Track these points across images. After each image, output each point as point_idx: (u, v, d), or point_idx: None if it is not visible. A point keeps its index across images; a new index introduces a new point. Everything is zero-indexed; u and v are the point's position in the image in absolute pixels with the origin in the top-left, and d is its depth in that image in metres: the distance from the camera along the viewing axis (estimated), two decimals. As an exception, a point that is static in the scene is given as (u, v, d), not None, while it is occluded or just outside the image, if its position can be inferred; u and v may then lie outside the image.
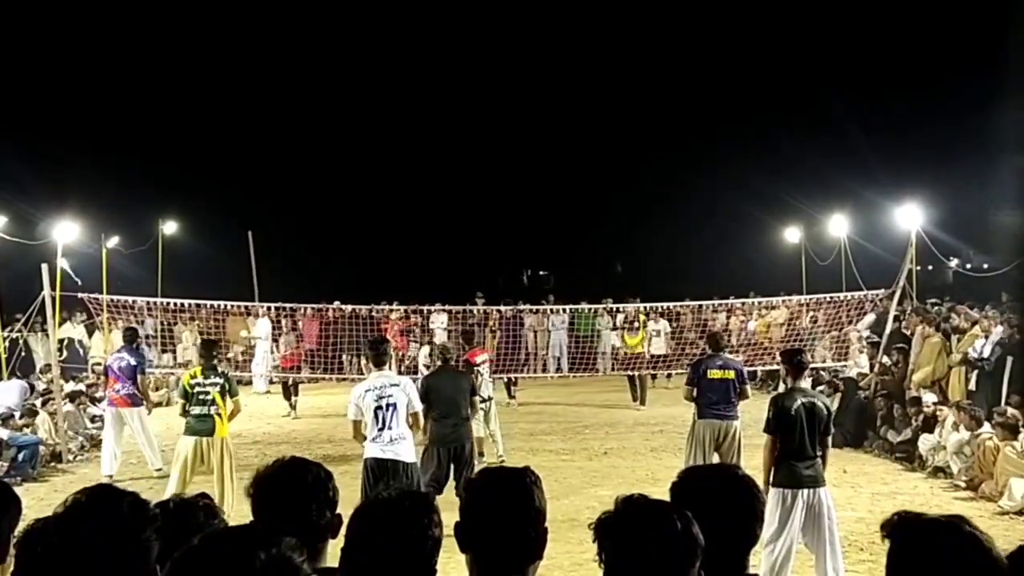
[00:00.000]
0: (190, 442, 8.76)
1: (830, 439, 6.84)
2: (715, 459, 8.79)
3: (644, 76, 32.83)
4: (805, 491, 6.49)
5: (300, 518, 2.45)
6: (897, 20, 27.11)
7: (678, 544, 2.07)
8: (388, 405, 7.26)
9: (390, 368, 7.87)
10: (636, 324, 17.43)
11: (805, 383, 7.60)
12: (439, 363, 9.10)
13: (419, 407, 7.53)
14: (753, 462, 7.84)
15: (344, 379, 17.74)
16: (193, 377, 8.97)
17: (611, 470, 11.38)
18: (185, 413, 8.88)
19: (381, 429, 7.24)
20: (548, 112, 34.09)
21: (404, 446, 7.32)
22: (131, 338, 11.90)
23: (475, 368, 11.32)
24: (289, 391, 16.55)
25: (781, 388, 8.66)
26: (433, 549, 2.20)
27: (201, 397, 8.80)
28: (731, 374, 9.07)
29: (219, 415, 8.83)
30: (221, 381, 8.95)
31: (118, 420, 11.30)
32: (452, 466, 8.38)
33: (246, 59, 30.50)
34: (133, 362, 11.32)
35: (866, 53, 27.72)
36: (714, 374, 9.04)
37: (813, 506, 6.49)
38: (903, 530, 2.17)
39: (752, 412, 11.23)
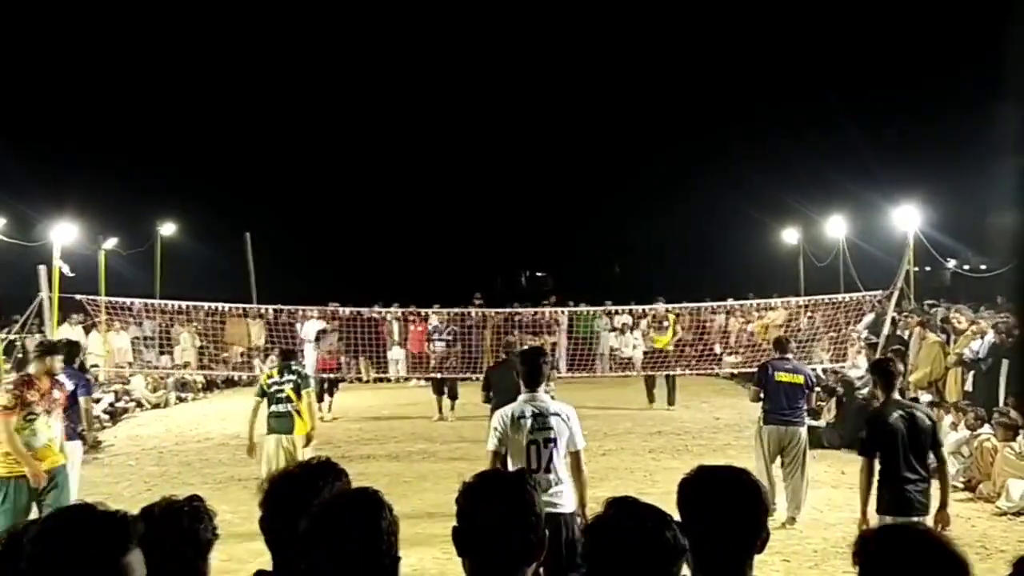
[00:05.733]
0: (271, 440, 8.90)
1: (945, 452, 6.22)
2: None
3: (642, 77, 32.87)
4: (916, 519, 5.57)
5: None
6: (896, 20, 27.13)
7: (648, 548, 2.07)
8: (546, 441, 5.46)
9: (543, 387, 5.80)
10: (665, 323, 17.31)
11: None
12: (503, 356, 9.87)
13: (582, 444, 5.72)
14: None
15: (342, 381, 17.68)
16: (269, 377, 9.18)
17: (609, 471, 11.35)
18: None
19: (535, 471, 5.30)
20: (546, 113, 34.15)
21: (565, 492, 5.51)
22: (70, 356, 8.79)
23: None
24: (323, 393, 15.62)
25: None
26: (390, 545, 2.20)
27: (278, 396, 8.98)
28: (800, 379, 8.81)
29: (297, 412, 8.96)
30: (294, 378, 9.08)
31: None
32: None
33: (245, 61, 30.51)
34: (70, 386, 8.28)
35: (865, 53, 27.73)
36: (782, 377, 8.76)
37: None
38: (864, 544, 2.20)
39: (750, 412, 11.26)
